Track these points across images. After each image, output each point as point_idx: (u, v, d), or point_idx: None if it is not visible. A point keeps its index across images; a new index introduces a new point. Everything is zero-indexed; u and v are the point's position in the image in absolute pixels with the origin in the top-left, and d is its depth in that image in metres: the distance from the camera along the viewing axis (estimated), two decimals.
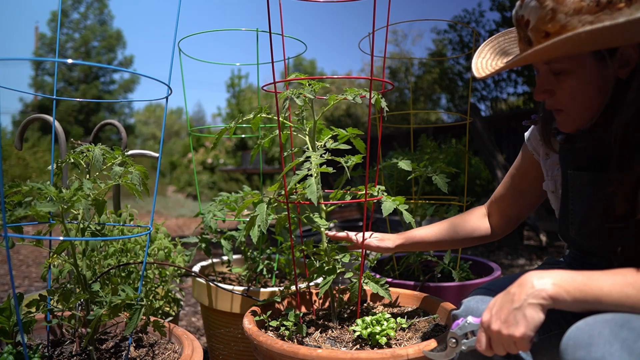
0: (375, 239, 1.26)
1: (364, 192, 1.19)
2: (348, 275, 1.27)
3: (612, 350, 0.64)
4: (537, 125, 1.10)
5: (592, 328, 0.67)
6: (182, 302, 1.76)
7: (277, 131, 1.22)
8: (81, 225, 1.00)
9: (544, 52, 0.78)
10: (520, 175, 1.18)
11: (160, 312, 1.58)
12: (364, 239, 1.22)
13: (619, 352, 0.63)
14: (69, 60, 0.74)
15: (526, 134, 1.18)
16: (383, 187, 1.24)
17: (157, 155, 1.61)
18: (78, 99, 1.37)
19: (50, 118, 1.37)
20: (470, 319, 0.82)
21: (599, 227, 0.89)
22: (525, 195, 1.17)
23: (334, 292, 1.26)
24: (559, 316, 0.95)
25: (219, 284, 1.53)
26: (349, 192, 1.28)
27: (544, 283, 0.70)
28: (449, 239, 1.25)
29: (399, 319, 1.16)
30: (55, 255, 0.99)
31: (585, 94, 0.86)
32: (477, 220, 1.25)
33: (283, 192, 1.19)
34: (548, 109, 0.93)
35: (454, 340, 0.83)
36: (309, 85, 1.12)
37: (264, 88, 1.24)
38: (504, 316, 0.72)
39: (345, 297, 1.35)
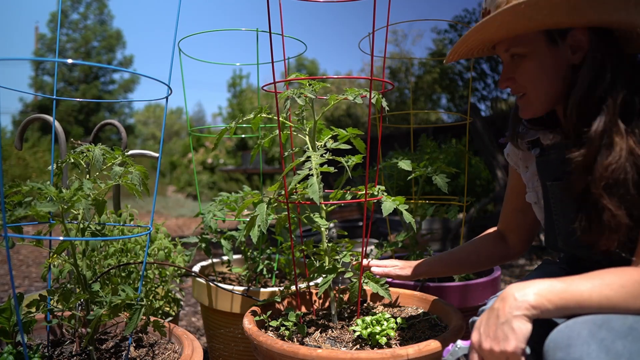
0: (396, 267, 1.28)
1: (364, 192, 1.19)
2: (348, 275, 1.27)
3: (590, 351, 0.64)
4: (511, 141, 1.13)
5: (571, 329, 0.68)
6: (182, 302, 1.76)
7: (277, 131, 1.22)
8: (81, 225, 1.00)
9: (487, 25, 0.84)
10: (515, 195, 1.19)
11: (160, 312, 1.58)
12: (364, 238, 1.22)
13: (597, 352, 0.64)
14: (69, 60, 0.74)
15: (505, 150, 1.19)
16: (383, 187, 1.24)
17: (157, 155, 1.61)
18: (78, 99, 1.37)
19: (50, 118, 1.36)
20: (459, 343, 0.82)
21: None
22: (525, 211, 1.17)
23: (334, 292, 1.26)
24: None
25: (219, 284, 1.53)
26: (349, 192, 1.28)
27: (525, 294, 0.71)
28: (467, 263, 1.26)
29: (399, 319, 1.16)
30: (55, 255, 0.99)
31: (541, 78, 0.90)
32: (490, 243, 1.25)
33: (283, 192, 1.19)
34: (513, 94, 0.98)
35: None
36: (310, 85, 1.12)
37: (264, 88, 1.24)
38: (492, 333, 0.72)
39: (345, 297, 1.35)
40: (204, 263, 1.82)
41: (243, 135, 1.99)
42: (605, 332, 0.66)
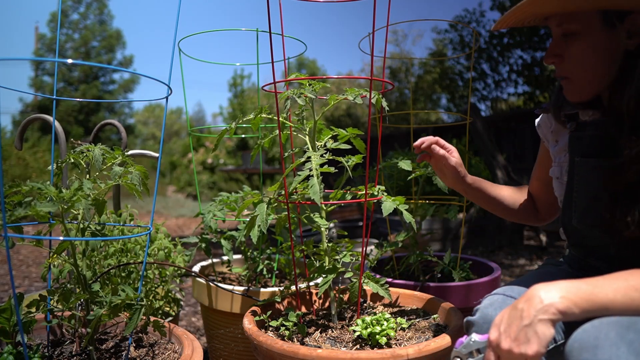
0: (454, 161, 1.15)
1: (364, 192, 1.19)
2: (348, 275, 1.27)
3: (619, 353, 0.62)
4: (548, 113, 1.11)
5: (598, 330, 0.66)
6: (182, 302, 1.76)
7: (278, 131, 1.22)
8: (81, 225, 1.00)
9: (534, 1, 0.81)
10: (541, 167, 1.19)
11: (160, 312, 1.58)
12: (364, 238, 1.22)
13: (626, 355, 0.62)
14: (69, 60, 0.74)
15: (537, 121, 1.18)
16: (383, 187, 1.24)
17: (157, 155, 1.61)
18: (78, 99, 1.37)
19: (50, 118, 1.36)
20: (474, 336, 0.79)
21: (600, 215, 0.89)
22: (548, 185, 1.17)
23: (334, 292, 1.26)
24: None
25: (219, 284, 1.53)
26: (349, 192, 1.27)
27: (552, 297, 0.68)
28: (502, 204, 1.23)
29: (399, 319, 1.16)
30: (55, 255, 0.99)
31: (591, 61, 0.87)
32: (525, 197, 1.24)
33: (283, 192, 1.19)
34: (557, 76, 0.95)
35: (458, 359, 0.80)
36: (310, 85, 1.12)
37: (264, 88, 1.24)
38: (513, 334, 0.69)
39: (345, 297, 1.35)
40: (204, 263, 1.82)
41: (243, 135, 1.99)
42: (633, 334, 0.64)
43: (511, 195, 1.25)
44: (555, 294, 0.69)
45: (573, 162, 0.99)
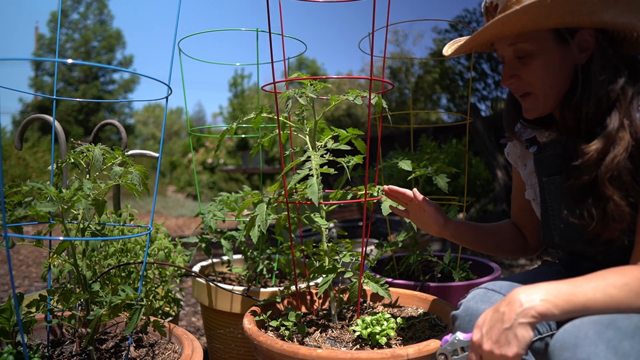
0: (433, 206, 1.15)
1: (364, 192, 1.19)
2: (348, 275, 1.27)
3: (598, 351, 0.64)
4: (512, 141, 1.13)
5: (578, 329, 0.68)
6: (182, 302, 1.76)
7: (278, 131, 1.22)
8: (81, 225, 1.00)
9: (505, 20, 0.83)
10: (519, 194, 1.19)
11: (160, 312, 1.58)
12: (364, 238, 1.22)
13: (604, 353, 0.64)
14: (69, 60, 0.74)
15: (505, 150, 1.20)
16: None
17: (157, 155, 1.61)
18: (78, 99, 1.37)
19: (50, 118, 1.36)
20: (459, 335, 0.82)
21: (580, 230, 0.90)
22: (530, 210, 1.16)
23: (334, 292, 1.26)
24: None
25: (219, 284, 1.53)
26: (349, 192, 1.27)
27: (532, 300, 0.70)
28: (492, 243, 1.20)
29: (399, 319, 1.16)
30: (55, 255, 0.99)
31: (549, 76, 0.90)
32: (512, 232, 1.22)
33: (283, 192, 1.19)
34: (515, 94, 0.97)
35: (443, 357, 0.83)
36: (311, 84, 1.12)
37: (265, 88, 1.24)
38: (495, 336, 0.72)
39: (345, 297, 1.35)
40: (204, 263, 1.82)
41: (244, 135, 1.99)
42: (612, 332, 0.66)
43: (499, 228, 1.23)
44: (536, 297, 0.71)
45: (541, 182, 1.02)
